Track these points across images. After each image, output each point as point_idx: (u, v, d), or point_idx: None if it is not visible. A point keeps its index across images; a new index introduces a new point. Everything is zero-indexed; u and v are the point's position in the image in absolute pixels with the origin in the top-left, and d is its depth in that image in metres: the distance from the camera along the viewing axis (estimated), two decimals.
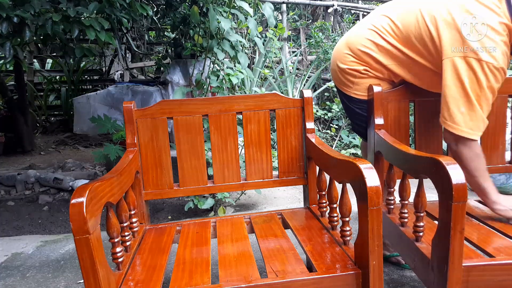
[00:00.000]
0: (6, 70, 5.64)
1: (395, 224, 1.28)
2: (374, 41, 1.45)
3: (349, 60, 1.52)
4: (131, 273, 1.09)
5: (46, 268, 1.93)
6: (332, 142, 4.26)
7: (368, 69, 1.49)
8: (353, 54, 1.51)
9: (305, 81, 4.62)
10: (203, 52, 2.64)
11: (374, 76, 1.50)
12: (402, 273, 1.70)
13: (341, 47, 1.57)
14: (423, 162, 1.05)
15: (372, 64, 1.48)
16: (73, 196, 0.84)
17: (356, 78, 1.52)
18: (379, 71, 1.48)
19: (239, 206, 2.86)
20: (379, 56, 1.45)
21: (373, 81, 1.48)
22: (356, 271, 1.01)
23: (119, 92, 4.57)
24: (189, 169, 1.49)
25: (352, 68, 1.51)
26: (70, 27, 2.10)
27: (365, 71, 1.50)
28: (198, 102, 1.47)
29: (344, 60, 1.53)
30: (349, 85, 1.55)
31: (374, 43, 1.45)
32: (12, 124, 4.32)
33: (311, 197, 1.54)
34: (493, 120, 1.53)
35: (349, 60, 1.52)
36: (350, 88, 1.55)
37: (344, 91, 1.58)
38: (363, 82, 1.51)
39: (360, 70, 1.50)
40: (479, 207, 1.46)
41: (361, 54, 1.48)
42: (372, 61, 1.47)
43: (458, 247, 0.94)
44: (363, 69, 1.49)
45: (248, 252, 1.18)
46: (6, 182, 3.30)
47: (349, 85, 1.55)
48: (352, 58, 1.51)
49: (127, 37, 4.73)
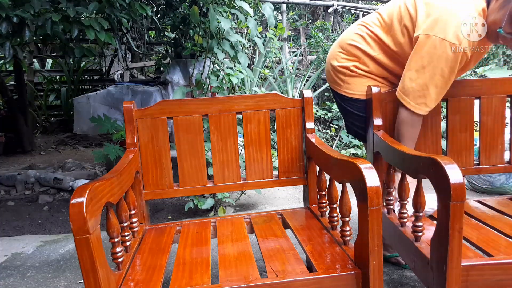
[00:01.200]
0: (6, 70, 5.64)
1: (395, 224, 1.28)
2: (361, 34, 1.51)
3: (340, 57, 1.56)
4: (131, 273, 1.09)
5: (46, 268, 1.93)
6: (332, 142, 4.27)
7: (357, 65, 1.52)
8: (343, 51, 1.56)
9: (305, 81, 4.62)
10: (203, 52, 2.64)
11: (364, 73, 1.52)
12: (402, 273, 1.70)
13: (334, 46, 1.63)
14: (421, 162, 1.05)
15: (361, 57, 1.51)
16: (73, 196, 0.84)
17: (346, 76, 1.55)
18: (367, 65, 1.51)
19: (239, 206, 2.86)
20: (366, 47, 1.50)
21: (363, 79, 1.51)
22: (356, 271, 1.01)
23: (119, 92, 4.58)
24: (189, 169, 1.49)
25: (343, 65, 1.55)
26: (70, 27, 2.10)
27: (354, 68, 1.53)
28: (198, 102, 1.48)
29: (335, 58, 1.58)
30: (340, 83, 1.58)
31: (361, 36, 1.51)
32: (12, 124, 4.32)
33: (311, 197, 1.54)
34: (492, 120, 1.53)
35: (340, 57, 1.56)
36: (341, 86, 1.58)
37: (336, 90, 1.61)
38: (353, 80, 1.54)
39: (349, 67, 1.53)
40: (479, 207, 1.46)
41: (350, 48, 1.53)
42: (360, 53, 1.51)
43: (457, 246, 0.95)
44: (352, 65, 1.53)
45: (248, 252, 1.18)
46: (6, 182, 3.30)
47: (340, 84, 1.58)
48: (342, 55, 1.56)
49: (127, 37, 4.73)
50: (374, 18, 1.51)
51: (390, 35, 1.45)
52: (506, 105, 1.54)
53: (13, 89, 4.86)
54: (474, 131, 1.55)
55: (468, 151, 1.55)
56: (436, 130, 1.54)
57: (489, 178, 2.77)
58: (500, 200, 1.51)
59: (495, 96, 1.52)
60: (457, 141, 1.54)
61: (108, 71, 5.96)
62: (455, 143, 1.55)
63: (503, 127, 1.54)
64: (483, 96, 1.52)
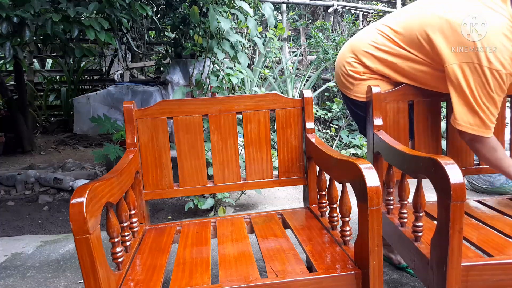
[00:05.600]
0: (6, 70, 5.65)
1: (395, 224, 1.28)
2: (377, 42, 1.48)
3: (352, 61, 1.54)
4: (131, 273, 1.09)
5: (46, 268, 1.93)
6: (332, 142, 4.27)
7: (368, 72, 1.52)
8: (355, 56, 1.54)
9: (305, 81, 4.62)
10: (203, 52, 2.64)
11: (375, 76, 1.51)
12: (402, 273, 1.70)
13: (345, 51, 1.60)
14: (421, 162, 1.05)
15: (372, 66, 1.50)
16: (73, 196, 0.84)
17: (356, 80, 1.54)
18: (380, 71, 1.50)
19: (239, 206, 2.86)
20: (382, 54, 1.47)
21: (373, 82, 1.50)
22: (356, 271, 1.01)
23: (119, 92, 4.58)
24: (189, 169, 1.49)
25: (354, 70, 1.54)
26: (70, 27, 2.10)
27: (365, 73, 1.52)
28: (198, 102, 1.48)
29: (347, 63, 1.56)
30: (350, 87, 1.57)
31: (376, 46, 1.48)
32: (12, 124, 4.32)
33: (311, 197, 1.54)
34: None
35: (352, 61, 1.54)
36: (351, 90, 1.57)
37: (346, 94, 1.61)
38: (363, 83, 1.53)
39: (361, 72, 1.52)
40: (479, 207, 1.46)
41: (363, 55, 1.51)
42: (375, 61, 1.49)
43: (457, 246, 0.95)
44: (363, 71, 1.52)
45: (248, 252, 1.18)
46: (6, 182, 3.30)
47: (350, 88, 1.57)
48: (353, 60, 1.54)
49: (127, 37, 4.73)
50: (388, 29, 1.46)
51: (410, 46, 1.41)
52: (506, 105, 1.54)
53: (13, 89, 4.86)
54: None
55: (468, 151, 1.55)
56: (436, 130, 1.54)
57: (489, 178, 2.77)
58: (500, 200, 1.51)
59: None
60: (457, 141, 1.54)
61: (108, 71, 5.96)
62: (455, 143, 1.55)
63: (503, 127, 1.54)
64: None
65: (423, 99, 1.50)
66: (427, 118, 1.51)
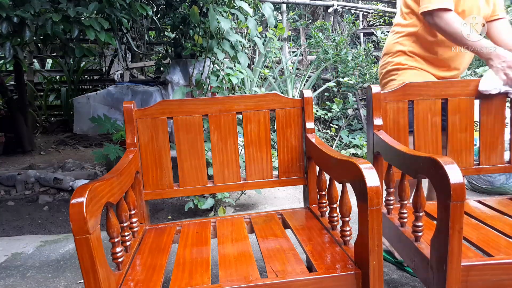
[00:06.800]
0: (6, 70, 5.65)
1: (395, 224, 1.28)
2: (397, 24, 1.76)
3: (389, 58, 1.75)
4: (131, 273, 1.09)
5: (46, 268, 1.93)
6: (332, 142, 4.27)
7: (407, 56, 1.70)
8: (386, 52, 1.76)
9: (305, 81, 4.62)
10: (203, 52, 2.64)
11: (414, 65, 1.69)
12: (402, 273, 1.70)
13: (380, 61, 1.85)
14: (421, 162, 1.05)
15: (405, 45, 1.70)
16: (73, 196, 0.84)
17: (399, 71, 1.71)
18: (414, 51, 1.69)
19: (239, 206, 2.86)
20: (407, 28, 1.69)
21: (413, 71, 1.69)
22: (356, 271, 1.01)
23: (119, 92, 4.58)
24: (189, 169, 1.49)
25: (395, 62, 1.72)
26: (70, 27, 2.10)
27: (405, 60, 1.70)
28: (198, 102, 1.48)
29: (387, 63, 1.76)
30: (394, 83, 1.71)
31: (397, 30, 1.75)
32: (12, 124, 4.32)
33: (311, 197, 1.54)
34: (492, 120, 1.53)
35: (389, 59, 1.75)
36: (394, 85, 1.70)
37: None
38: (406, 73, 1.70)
39: (401, 61, 1.70)
40: (479, 207, 1.46)
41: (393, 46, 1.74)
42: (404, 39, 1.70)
43: (457, 246, 0.95)
44: (403, 58, 1.70)
45: (248, 252, 1.18)
46: (6, 182, 3.30)
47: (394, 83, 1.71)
48: (389, 58, 1.75)
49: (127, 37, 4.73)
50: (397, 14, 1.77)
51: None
52: (506, 105, 1.54)
53: (13, 89, 4.86)
54: (474, 131, 1.55)
55: (468, 151, 1.55)
56: (436, 130, 1.54)
57: (489, 178, 2.77)
58: (500, 200, 1.51)
59: (495, 96, 1.52)
60: (457, 141, 1.54)
61: (108, 71, 5.96)
62: (455, 143, 1.55)
63: (503, 127, 1.54)
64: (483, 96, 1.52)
65: (423, 99, 1.50)
66: (427, 118, 1.51)
